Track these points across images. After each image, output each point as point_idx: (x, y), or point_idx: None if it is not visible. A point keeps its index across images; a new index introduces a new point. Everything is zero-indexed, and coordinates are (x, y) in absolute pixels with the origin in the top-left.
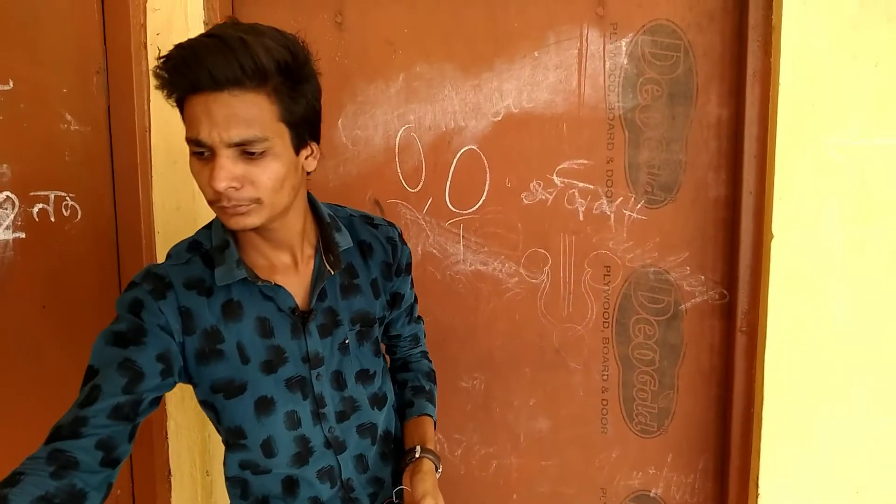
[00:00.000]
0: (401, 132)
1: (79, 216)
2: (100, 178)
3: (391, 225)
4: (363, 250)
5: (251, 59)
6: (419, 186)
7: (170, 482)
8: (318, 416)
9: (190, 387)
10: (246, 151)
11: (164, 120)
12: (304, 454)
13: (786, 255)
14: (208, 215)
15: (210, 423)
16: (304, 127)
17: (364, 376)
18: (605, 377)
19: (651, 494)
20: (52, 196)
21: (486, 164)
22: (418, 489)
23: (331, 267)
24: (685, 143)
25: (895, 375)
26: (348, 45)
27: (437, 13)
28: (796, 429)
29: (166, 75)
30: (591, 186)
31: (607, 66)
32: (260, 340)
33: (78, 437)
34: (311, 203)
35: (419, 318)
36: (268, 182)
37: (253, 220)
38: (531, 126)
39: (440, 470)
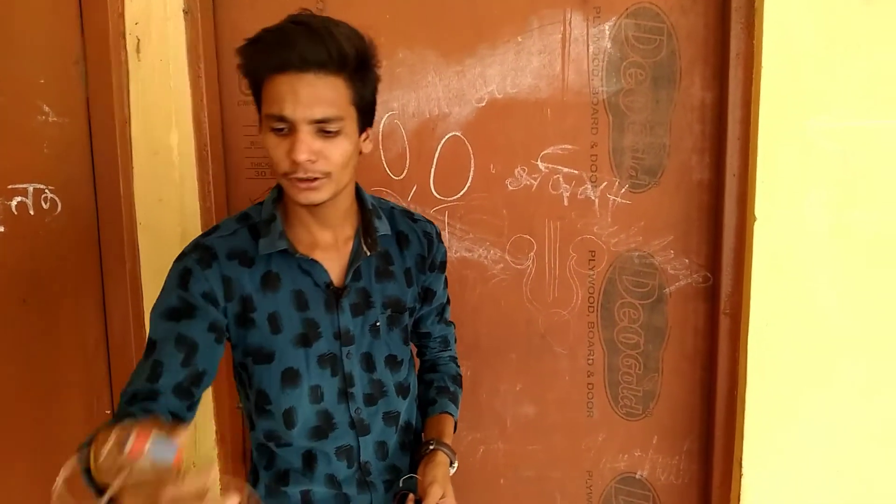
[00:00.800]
0: (384, 119)
1: (59, 209)
2: (79, 170)
3: (429, 222)
4: (400, 241)
5: (335, 45)
6: (403, 174)
7: None
8: (345, 395)
9: None
10: (323, 129)
11: (143, 110)
12: (324, 429)
13: (768, 238)
14: (192, 206)
15: (196, 413)
16: (368, 112)
17: (392, 362)
18: (590, 361)
19: (637, 476)
20: (30, 189)
21: (471, 150)
22: (428, 476)
23: (367, 248)
24: (669, 126)
25: (876, 357)
26: None
27: None
28: (779, 410)
29: (255, 53)
30: (576, 171)
31: (591, 50)
32: (296, 313)
33: (154, 401)
34: (357, 190)
35: (451, 322)
36: (339, 158)
37: (321, 195)
38: (515, 112)
39: (455, 465)
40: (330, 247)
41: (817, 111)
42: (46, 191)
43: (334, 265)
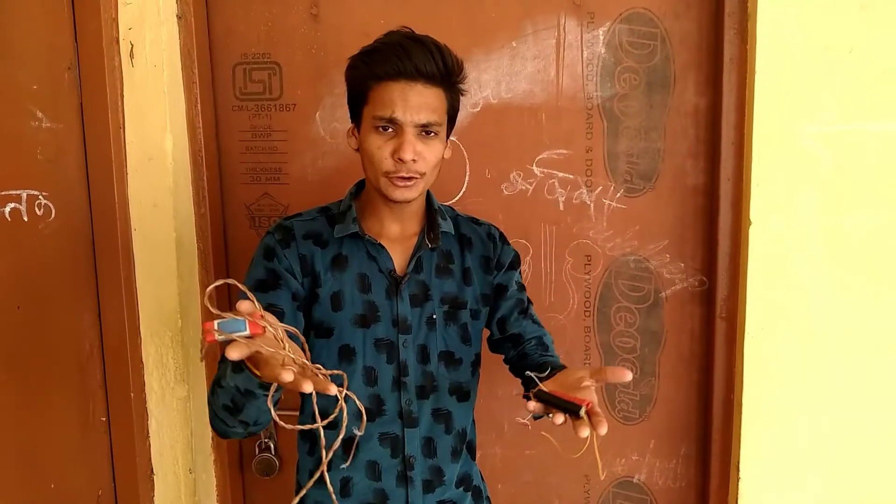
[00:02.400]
0: None
1: (52, 215)
2: (73, 176)
3: (493, 226)
4: (463, 243)
5: (443, 61)
6: None
7: (153, 481)
8: (398, 384)
9: (169, 385)
10: (424, 132)
11: (137, 115)
12: (373, 412)
13: (763, 242)
14: (187, 212)
15: (192, 419)
16: (453, 122)
17: (449, 359)
18: (587, 366)
19: (634, 481)
20: (24, 195)
21: (466, 155)
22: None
23: (430, 242)
24: (663, 131)
25: (872, 359)
26: (324, 37)
27: (414, 4)
28: (776, 414)
29: (373, 61)
30: (571, 176)
31: (585, 55)
32: (358, 294)
33: None
34: (427, 192)
35: (544, 327)
36: (432, 160)
37: (414, 193)
38: (510, 116)
39: None
40: (396, 238)
41: (811, 115)
42: (40, 197)
43: (398, 256)
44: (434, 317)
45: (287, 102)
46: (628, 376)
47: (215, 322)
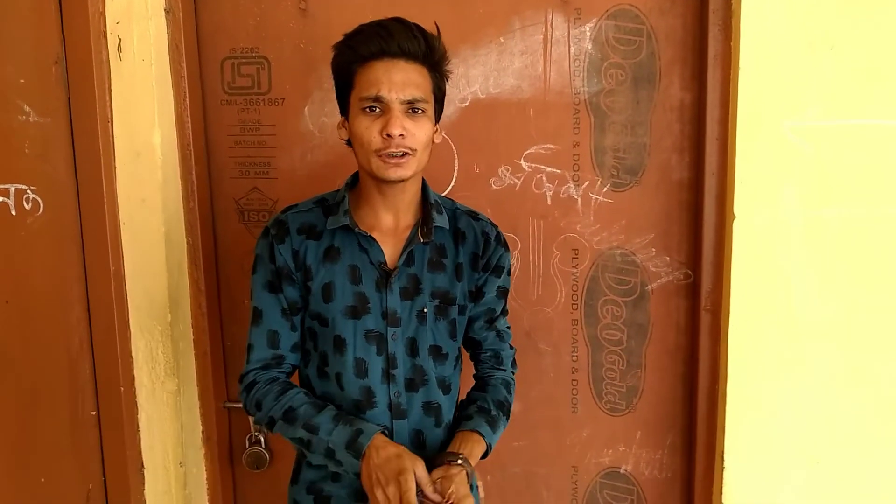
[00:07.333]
0: None
1: (41, 209)
2: (62, 171)
3: (491, 224)
4: (457, 237)
5: (425, 41)
6: None
7: (143, 475)
8: (387, 376)
9: (159, 379)
10: (412, 108)
11: (125, 110)
12: (364, 405)
13: (747, 235)
14: (175, 206)
15: (182, 413)
16: (440, 105)
17: (437, 353)
18: (574, 358)
19: (621, 471)
20: (12, 189)
21: (455, 149)
22: (461, 489)
23: (422, 236)
24: (649, 126)
25: (852, 349)
26: (313, 32)
27: None
28: (759, 404)
29: (357, 42)
30: (559, 171)
31: (572, 51)
32: (349, 286)
33: (281, 365)
34: (423, 184)
35: (507, 341)
36: (422, 137)
37: (408, 172)
38: (498, 112)
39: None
40: (389, 231)
41: (793, 111)
42: (28, 191)
43: (390, 248)
44: (425, 311)
45: (276, 97)
46: None
47: None
